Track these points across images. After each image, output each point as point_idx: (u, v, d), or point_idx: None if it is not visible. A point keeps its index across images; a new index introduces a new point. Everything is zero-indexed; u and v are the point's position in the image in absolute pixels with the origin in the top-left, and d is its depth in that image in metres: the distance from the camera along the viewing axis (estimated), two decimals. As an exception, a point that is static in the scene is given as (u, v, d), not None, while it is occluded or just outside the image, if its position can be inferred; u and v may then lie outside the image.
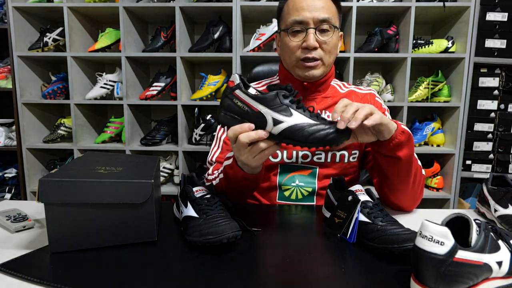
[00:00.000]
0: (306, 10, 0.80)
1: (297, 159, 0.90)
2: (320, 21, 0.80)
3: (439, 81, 1.79)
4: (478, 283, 0.47)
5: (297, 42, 0.82)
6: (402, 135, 0.69)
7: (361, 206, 0.62)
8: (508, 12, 1.71)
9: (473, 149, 1.83)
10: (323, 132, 0.59)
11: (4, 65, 1.96)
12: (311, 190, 0.90)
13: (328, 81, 0.92)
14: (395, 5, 1.69)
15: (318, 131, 0.59)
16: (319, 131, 0.59)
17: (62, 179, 0.57)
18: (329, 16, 0.80)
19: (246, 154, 0.64)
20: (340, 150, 0.89)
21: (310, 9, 0.79)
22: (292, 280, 0.50)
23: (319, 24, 0.80)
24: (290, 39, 0.83)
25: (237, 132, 0.61)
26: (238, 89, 0.62)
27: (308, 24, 0.80)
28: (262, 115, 0.60)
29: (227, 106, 0.63)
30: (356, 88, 0.98)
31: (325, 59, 0.84)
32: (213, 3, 1.71)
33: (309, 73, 0.84)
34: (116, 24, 1.89)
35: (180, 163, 1.86)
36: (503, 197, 0.73)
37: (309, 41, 0.80)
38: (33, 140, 1.95)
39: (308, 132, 0.59)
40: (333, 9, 0.83)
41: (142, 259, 0.56)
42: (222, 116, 0.64)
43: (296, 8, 0.81)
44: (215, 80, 1.85)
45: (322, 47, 0.82)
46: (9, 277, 0.51)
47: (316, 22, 0.80)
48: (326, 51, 0.83)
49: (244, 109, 0.61)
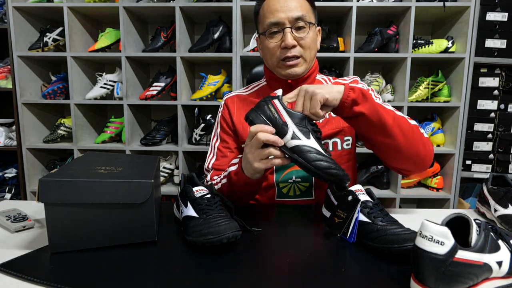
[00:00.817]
0: (281, 11, 0.82)
1: None
2: (295, 19, 0.82)
3: (439, 81, 1.79)
4: (478, 283, 0.47)
5: (276, 43, 0.85)
6: (351, 92, 0.69)
7: (361, 206, 0.63)
8: (508, 12, 1.71)
9: (473, 149, 1.83)
10: (326, 163, 0.65)
11: (4, 65, 1.96)
12: (308, 185, 0.91)
13: (312, 76, 0.94)
14: (395, 5, 1.69)
15: (322, 161, 0.65)
16: (323, 161, 0.65)
17: (62, 179, 0.57)
18: (303, 14, 0.83)
19: (255, 154, 0.69)
20: (332, 138, 0.91)
21: (284, 10, 0.82)
22: (292, 280, 0.50)
23: (294, 22, 0.83)
24: (269, 41, 0.86)
25: (259, 129, 0.67)
26: (277, 99, 0.70)
27: (284, 24, 0.83)
28: (286, 125, 0.67)
29: (260, 108, 0.70)
30: (341, 80, 1.00)
31: (306, 55, 0.86)
32: (213, 3, 1.72)
33: (291, 70, 0.86)
34: (116, 24, 1.89)
35: (180, 163, 1.86)
36: (503, 197, 0.73)
37: (287, 41, 0.82)
38: (33, 140, 1.95)
39: (315, 157, 0.65)
40: (306, 7, 0.85)
41: (142, 259, 0.56)
42: (252, 112, 0.70)
43: (271, 11, 0.83)
44: (215, 80, 1.85)
45: (300, 44, 0.84)
46: (9, 277, 0.51)
47: (292, 21, 0.82)
48: (305, 47, 0.85)
49: (274, 115, 0.68)
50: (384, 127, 0.72)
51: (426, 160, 0.79)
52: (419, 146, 0.77)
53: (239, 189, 0.80)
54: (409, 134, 0.75)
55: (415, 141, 0.76)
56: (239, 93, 1.02)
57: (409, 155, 0.77)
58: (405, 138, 0.74)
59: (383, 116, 0.71)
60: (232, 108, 0.98)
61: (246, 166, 0.74)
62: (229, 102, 1.00)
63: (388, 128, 0.72)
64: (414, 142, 0.76)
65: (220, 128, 0.99)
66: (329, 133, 0.90)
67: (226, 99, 1.01)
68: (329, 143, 0.91)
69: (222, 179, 0.85)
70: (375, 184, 1.93)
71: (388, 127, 0.72)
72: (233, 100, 1.00)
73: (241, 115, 0.95)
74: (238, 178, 0.78)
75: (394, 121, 0.73)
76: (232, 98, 1.00)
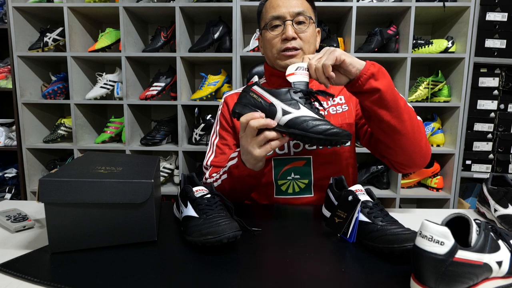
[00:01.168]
0: (282, 7, 0.86)
1: (289, 149, 0.91)
2: (296, 13, 0.86)
3: (439, 81, 1.79)
4: (478, 283, 0.47)
5: (277, 34, 0.88)
6: (372, 67, 0.70)
7: (361, 206, 0.63)
8: (508, 12, 1.71)
9: (473, 149, 1.83)
10: (324, 126, 0.64)
11: (4, 65, 1.96)
12: (307, 182, 0.91)
13: None
14: (395, 5, 1.69)
15: (319, 125, 0.64)
16: (321, 125, 0.64)
17: (62, 179, 0.57)
18: (304, 9, 0.87)
19: (252, 142, 0.70)
20: None
21: (286, 5, 0.86)
22: (292, 280, 0.50)
23: (295, 16, 0.86)
24: (270, 33, 0.89)
25: (248, 118, 0.68)
26: (256, 85, 0.70)
27: (285, 17, 0.86)
28: (273, 105, 0.67)
29: (243, 99, 0.71)
30: None
31: (305, 48, 0.88)
32: (213, 3, 1.71)
33: (290, 61, 0.88)
34: (116, 24, 1.89)
35: (180, 163, 1.86)
36: (503, 197, 0.73)
37: (287, 32, 0.85)
38: (33, 140, 1.95)
39: (311, 124, 0.64)
40: (307, 5, 0.89)
41: (142, 259, 0.56)
42: (237, 106, 0.71)
43: (273, 6, 0.88)
44: (215, 80, 1.85)
45: (300, 37, 0.87)
46: (9, 277, 0.51)
47: (293, 15, 0.86)
48: (305, 40, 0.88)
49: (259, 100, 0.69)
50: (396, 107, 0.72)
51: (426, 156, 0.81)
52: (422, 139, 0.79)
53: (241, 182, 0.80)
54: (415, 124, 0.76)
55: (420, 133, 0.78)
56: (239, 91, 1.03)
57: (413, 146, 0.78)
58: (412, 126, 0.75)
59: (397, 96, 0.73)
60: (232, 105, 0.98)
61: (247, 158, 0.74)
62: (228, 100, 1.01)
63: (400, 110, 0.73)
64: (420, 134, 0.78)
65: (219, 126, 1.00)
66: None
67: (226, 96, 1.03)
68: None
69: (221, 175, 0.85)
70: (375, 184, 1.93)
71: (400, 109, 0.73)
72: (232, 97, 1.01)
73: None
74: (239, 171, 0.78)
75: (405, 106, 0.75)
76: (232, 96, 1.02)
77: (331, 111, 0.94)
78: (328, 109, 0.94)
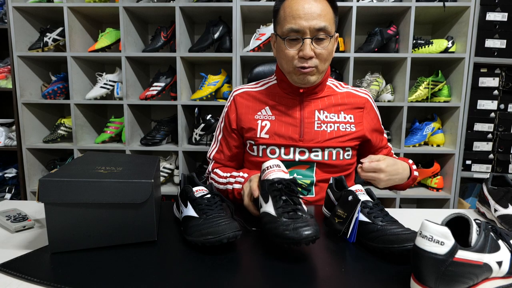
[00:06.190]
0: (303, 19, 0.80)
1: (294, 156, 0.92)
2: (317, 30, 0.80)
3: (439, 81, 1.79)
4: (478, 283, 0.47)
5: (294, 51, 0.84)
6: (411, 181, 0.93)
7: (361, 206, 0.63)
8: (508, 12, 1.71)
9: (473, 149, 1.83)
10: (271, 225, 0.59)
11: (4, 65, 1.96)
12: (309, 182, 0.92)
13: (323, 83, 0.94)
14: (395, 5, 1.69)
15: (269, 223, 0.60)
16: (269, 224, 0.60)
17: (62, 179, 0.57)
18: (326, 25, 0.81)
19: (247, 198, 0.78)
20: (336, 148, 0.92)
21: (307, 18, 0.80)
22: (292, 280, 0.50)
23: (315, 33, 0.81)
24: (286, 47, 0.84)
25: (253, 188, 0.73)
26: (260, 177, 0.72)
27: (305, 33, 0.81)
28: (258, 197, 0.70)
29: None
30: (353, 89, 0.99)
31: (320, 67, 0.86)
32: (213, 3, 1.71)
33: (304, 78, 0.86)
34: (116, 24, 1.89)
35: (180, 163, 1.86)
36: (503, 197, 0.73)
37: (305, 51, 0.81)
38: (33, 140, 1.95)
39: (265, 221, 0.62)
40: (329, 15, 0.83)
41: (142, 259, 0.56)
42: None
43: (293, 16, 0.81)
44: (215, 80, 1.85)
45: (317, 56, 0.84)
46: (9, 277, 0.51)
47: (313, 31, 0.81)
48: (321, 59, 0.85)
49: None
50: (402, 187, 0.96)
51: None
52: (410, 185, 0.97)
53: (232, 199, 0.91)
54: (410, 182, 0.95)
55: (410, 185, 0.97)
56: (248, 89, 1.00)
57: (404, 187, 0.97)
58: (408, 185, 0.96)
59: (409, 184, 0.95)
60: (240, 107, 0.97)
61: None
62: (237, 99, 0.98)
63: (406, 186, 0.96)
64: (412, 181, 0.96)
65: (224, 124, 1.01)
66: (333, 145, 0.92)
67: (235, 95, 1.00)
68: (333, 153, 0.92)
69: (226, 184, 0.93)
70: (375, 184, 1.93)
71: (405, 187, 0.96)
72: (242, 97, 0.98)
73: (248, 113, 0.95)
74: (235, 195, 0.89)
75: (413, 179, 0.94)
76: (242, 95, 0.99)
77: (341, 128, 0.93)
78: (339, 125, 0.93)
